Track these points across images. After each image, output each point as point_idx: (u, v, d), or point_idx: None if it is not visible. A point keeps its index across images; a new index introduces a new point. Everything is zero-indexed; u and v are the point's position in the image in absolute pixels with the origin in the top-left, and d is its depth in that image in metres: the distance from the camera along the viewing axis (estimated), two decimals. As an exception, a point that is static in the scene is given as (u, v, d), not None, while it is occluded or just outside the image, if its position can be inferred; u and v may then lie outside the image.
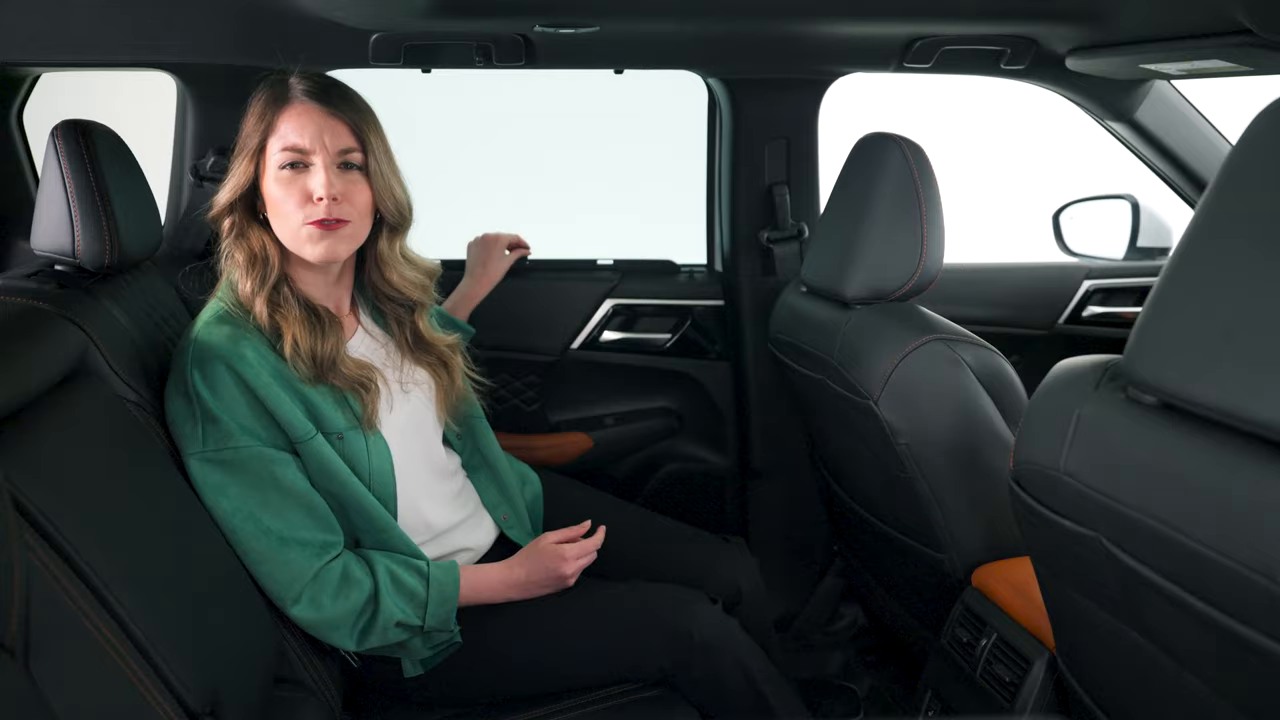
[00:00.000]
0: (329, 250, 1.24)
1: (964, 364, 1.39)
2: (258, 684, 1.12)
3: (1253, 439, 0.72)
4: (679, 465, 2.09)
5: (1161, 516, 0.79)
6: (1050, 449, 0.93)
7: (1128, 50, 1.61)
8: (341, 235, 1.24)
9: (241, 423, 1.20)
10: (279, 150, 1.23)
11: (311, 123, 1.23)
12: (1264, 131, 0.77)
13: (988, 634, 1.34)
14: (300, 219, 1.22)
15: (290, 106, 1.24)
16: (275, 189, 1.23)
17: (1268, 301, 0.72)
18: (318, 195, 1.21)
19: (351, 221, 1.24)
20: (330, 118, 1.23)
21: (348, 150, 1.24)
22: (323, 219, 1.21)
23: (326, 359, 1.25)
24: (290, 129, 1.23)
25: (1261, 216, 0.75)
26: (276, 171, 1.23)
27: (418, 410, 1.40)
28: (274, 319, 1.24)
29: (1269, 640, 0.70)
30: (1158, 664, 0.88)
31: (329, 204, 1.21)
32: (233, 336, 1.22)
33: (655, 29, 1.63)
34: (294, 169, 1.22)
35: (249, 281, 1.25)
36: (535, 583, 1.35)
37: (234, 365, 1.20)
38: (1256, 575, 0.69)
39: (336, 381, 1.27)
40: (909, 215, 1.47)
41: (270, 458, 1.21)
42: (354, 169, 1.25)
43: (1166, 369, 0.80)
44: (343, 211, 1.23)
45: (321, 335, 1.25)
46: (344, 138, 1.24)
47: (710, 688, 1.34)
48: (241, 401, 1.20)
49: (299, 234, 1.23)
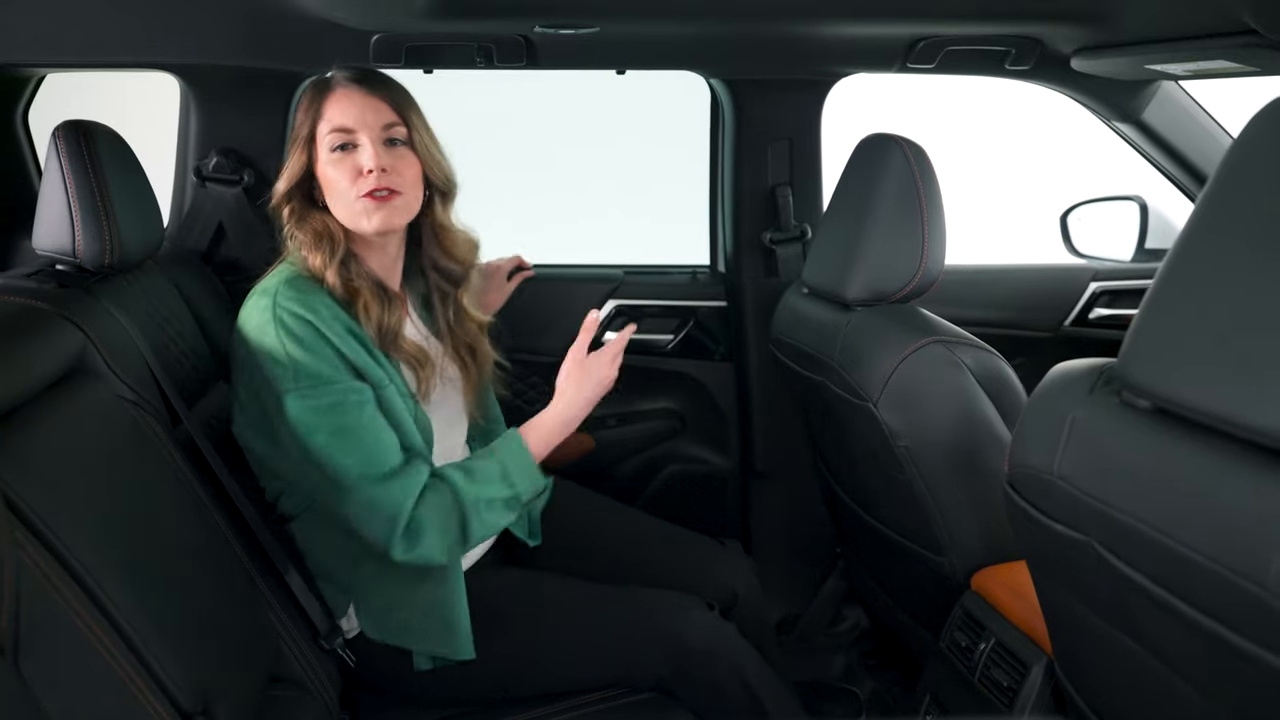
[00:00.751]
0: (385, 220, 1.29)
1: (964, 366, 1.38)
2: (252, 684, 1.12)
3: (1246, 445, 0.72)
4: (681, 466, 2.09)
5: (1153, 521, 0.78)
6: (1044, 452, 0.92)
7: (1133, 51, 1.60)
8: (395, 205, 1.29)
9: (323, 369, 1.23)
10: (327, 134, 1.29)
11: (354, 104, 1.30)
12: (1260, 132, 0.76)
13: (986, 638, 1.33)
14: (354, 194, 1.28)
15: (333, 93, 1.31)
16: (328, 171, 1.30)
17: (1263, 304, 0.71)
18: (367, 168, 1.27)
19: (403, 192, 1.30)
20: (371, 97, 1.30)
21: (390, 125, 1.30)
22: (373, 189, 1.27)
23: (390, 331, 1.31)
24: (335, 112, 1.30)
25: (1257, 218, 0.74)
26: (328, 155, 1.29)
27: (451, 402, 1.44)
28: (347, 287, 1.29)
29: (1257, 646, 0.69)
30: (1149, 669, 0.87)
31: (378, 174, 1.27)
32: (304, 291, 1.27)
33: (656, 30, 1.62)
34: (343, 150, 1.29)
35: (318, 256, 1.30)
36: (586, 396, 1.34)
37: (311, 318, 1.24)
38: (1245, 581, 0.68)
39: (396, 354, 1.32)
40: (910, 217, 1.46)
41: (357, 392, 1.24)
42: (399, 144, 1.31)
43: (1160, 373, 0.79)
44: (392, 182, 1.28)
45: (389, 308, 1.31)
46: (386, 114, 1.30)
47: (707, 694, 1.34)
48: (325, 346, 1.24)
49: (355, 209, 1.29)
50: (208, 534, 1.19)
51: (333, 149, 1.29)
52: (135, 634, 0.92)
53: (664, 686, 1.35)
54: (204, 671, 1.00)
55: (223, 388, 1.61)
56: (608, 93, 2.14)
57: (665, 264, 2.11)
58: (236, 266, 1.79)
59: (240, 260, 1.79)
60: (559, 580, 1.43)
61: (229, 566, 1.19)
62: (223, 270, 1.79)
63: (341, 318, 1.28)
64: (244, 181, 1.76)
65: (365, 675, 1.39)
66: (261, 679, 1.17)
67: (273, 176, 1.79)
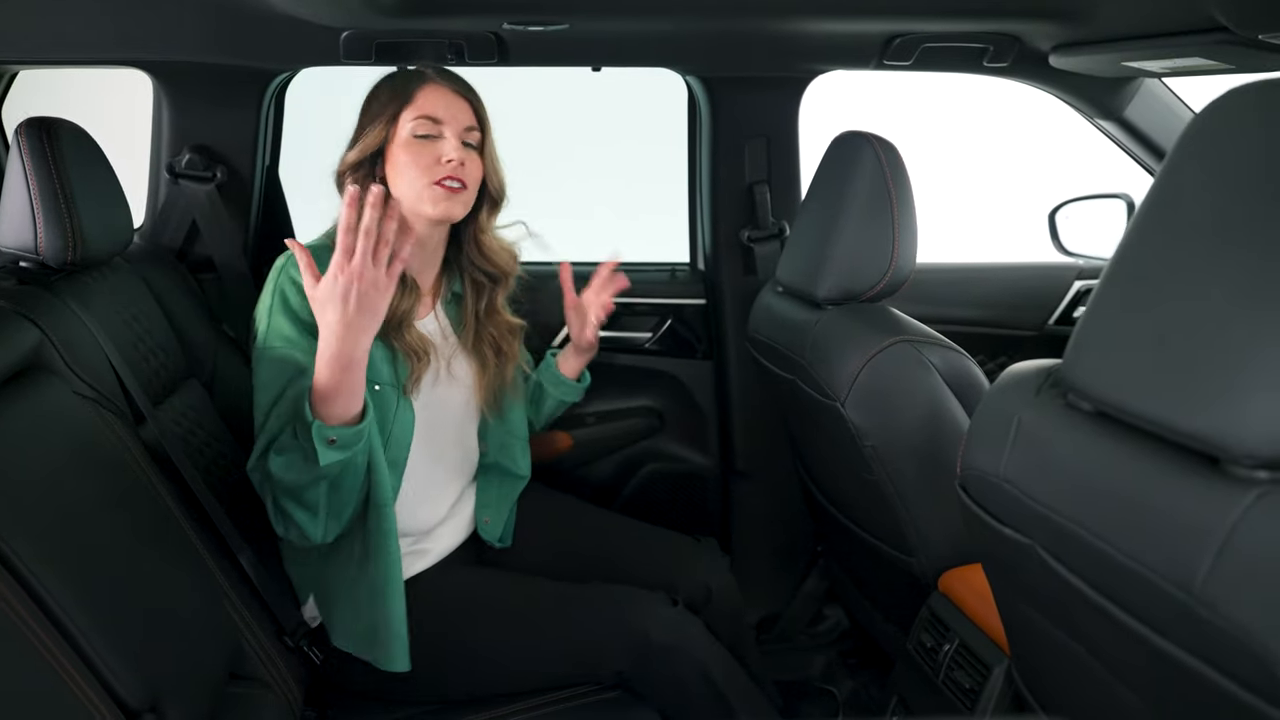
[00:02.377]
0: (447, 210, 1.35)
1: (931, 366, 1.37)
2: (209, 681, 1.12)
3: (1181, 450, 0.71)
4: (661, 465, 2.08)
5: (1091, 526, 0.77)
6: (992, 454, 0.91)
7: (1109, 48, 1.59)
8: (459, 198, 1.36)
9: (289, 331, 1.28)
10: (413, 119, 1.35)
11: (445, 99, 1.37)
12: (1201, 131, 0.75)
13: (950, 639, 1.32)
14: (427, 180, 1.33)
15: (426, 84, 1.37)
16: (404, 154, 1.35)
17: (1199, 307, 0.70)
18: (448, 158, 1.34)
19: (469, 188, 1.37)
20: (459, 98, 1.38)
21: (470, 128, 1.38)
22: (448, 178, 1.34)
23: (396, 319, 1.34)
24: (427, 101, 1.36)
25: (1198, 217, 0.73)
26: (409, 139, 1.35)
27: (454, 397, 1.45)
28: None
29: (1186, 654, 0.68)
30: (1095, 674, 0.86)
31: (457, 166, 1.34)
32: (317, 260, 1.23)
33: (629, 27, 1.61)
34: (426, 139, 1.35)
35: None
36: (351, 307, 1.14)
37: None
38: (1174, 589, 0.67)
39: (396, 342, 1.36)
40: (881, 216, 1.45)
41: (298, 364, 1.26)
42: (472, 147, 1.38)
43: (1101, 375, 0.78)
44: (464, 175, 1.36)
45: (401, 297, 1.35)
46: (469, 116, 1.39)
47: (668, 689, 1.33)
48: (299, 314, 1.28)
49: (423, 193, 1.34)
50: (165, 531, 1.18)
51: (416, 134, 1.35)
52: (77, 631, 0.92)
53: (627, 682, 1.34)
54: (154, 669, 1.00)
55: (194, 384, 1.61)
56: (590, 90, 2.13)
57: (645, 262, 2.11)
58: (210, 264, 1.79)
59: (214, 257, 1.79)
60: (522, 578, 1.43)
61: (187, 563, 1.19)
62: (197, 267, 1.79)
63: None
64: (216, 178, 1.76)
65: (332, 673, 1.39)
66: (219, 676, 1.17)
67: (246, 173, 1.81)
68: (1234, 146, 0.71)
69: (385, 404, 1.35)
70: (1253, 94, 0.71)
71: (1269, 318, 0.64)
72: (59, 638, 0.90)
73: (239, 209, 1.80)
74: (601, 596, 1.37)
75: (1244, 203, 0.68)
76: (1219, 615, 0.64)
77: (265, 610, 1.35)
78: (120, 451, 1.19)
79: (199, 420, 1.52)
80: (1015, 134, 3.25)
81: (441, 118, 1.36)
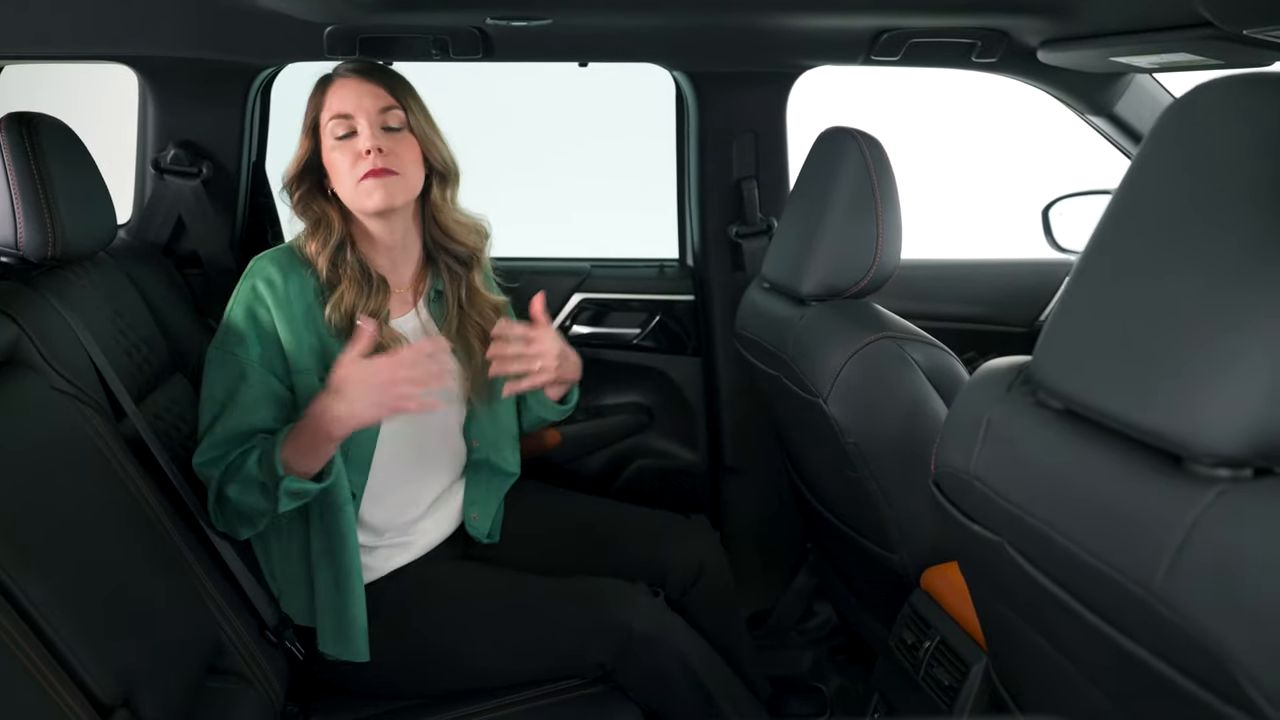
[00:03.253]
0: (385, 198, 1.33)
1: (913, 363, 1.36)
2: (184, 675, 1.12)
3: (1144, 447, 0.70)
4: (650, 461, 2.08)
5: (1058, 525, 0.77)
6: (963, 452, 0.91)
7: (1097, 43, 1.58)
8: (394, 182, 1.34)
9: (243, 330, 1.33)
10: (328, 121, 1.36)
11: (351, 92, 1.36)
12: (1168, 127, 0.75)
13: (931, 636, 1.32)
14: (354, 176, 1.33)
15: (334, 83, 1.38)
16: (332, 157, 1.36)
17: (1162, 304, 0.69)
18: (364, 149, 1.33)
19: (400, 172, 1.34)
20: (367, 84, 1.37)
21: (387, 109, 1.36)
22: (368, 172, 1.32)
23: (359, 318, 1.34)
24: (335, 100, 1.36)
25: (1163, 213, 0.72)
26: (331, 142, 1.36)
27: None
28: (332, 274, 1.36)
29: (1149, 654, 0.68)
30: (1066, 674, 0.86)
31: (375, 155, 1.33)
32: (286, 267, 1.36)
33: (613, 22, 1.61)
34: (345, 138, 1.35)
35: (314, 242, 1.37)
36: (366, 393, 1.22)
37: (269, 287, 1.34)
38: (1135, 586, 0.67)
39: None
40: (865, 212, 1.45)
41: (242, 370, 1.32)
42: (397, 129, 1.36)
43: (1069, 373, 0.78)
44: (390, 162, 1.33)
45: (367, 296, 1.36)
46: (383, 98, 1.36)
47: (650, 680, 1.33)
48: (258, 319, 1.33)
49: (357, 191, 1.34)
50: (142, 527, 1.19)
51: (335, 136, 1.35)
52: (47, 625, 0.92)
53: (609, 675, 1.35)
54: (126, 663, 1.00)
55: (179, 379, 1.61)
56: (581, 85, 2.13)
57: (633, 258, 2.10)
58: (197, 259, 1.79)
59: (200, 252, 1.79)
60: (503, 572, 1.43)
61: (163, 558, 1.19)
62: (184, 263, 1.79)
63: (307, 298, 1.35)
64: (202, 174, 1.76)
65: (316, 667, 1.39)
66: (196, 671, 1.17)
67: (231, 169, 1.81)
68: (1197, 144, 0.70)
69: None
70: (1219, 90, 0.70)
71: (1230, 315, 0.64)
72: (27, 631, 0.90)
73: (225, 204, 1.80)
74: (582, 589, 1.38)
75: (1207, 200, 0.68)
76: (1178, 614, 0.63)
77: (246, 605, 1.35)
78: (98, 446, 1.19)
79: (182, 415, 1.52)
80: (1009, 130, 3.24)
81: (350, 111, 1.35)
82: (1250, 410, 0.62)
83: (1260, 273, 0.62)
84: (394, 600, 1.38)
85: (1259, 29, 1.28)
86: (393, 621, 1.36)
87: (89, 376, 1.28)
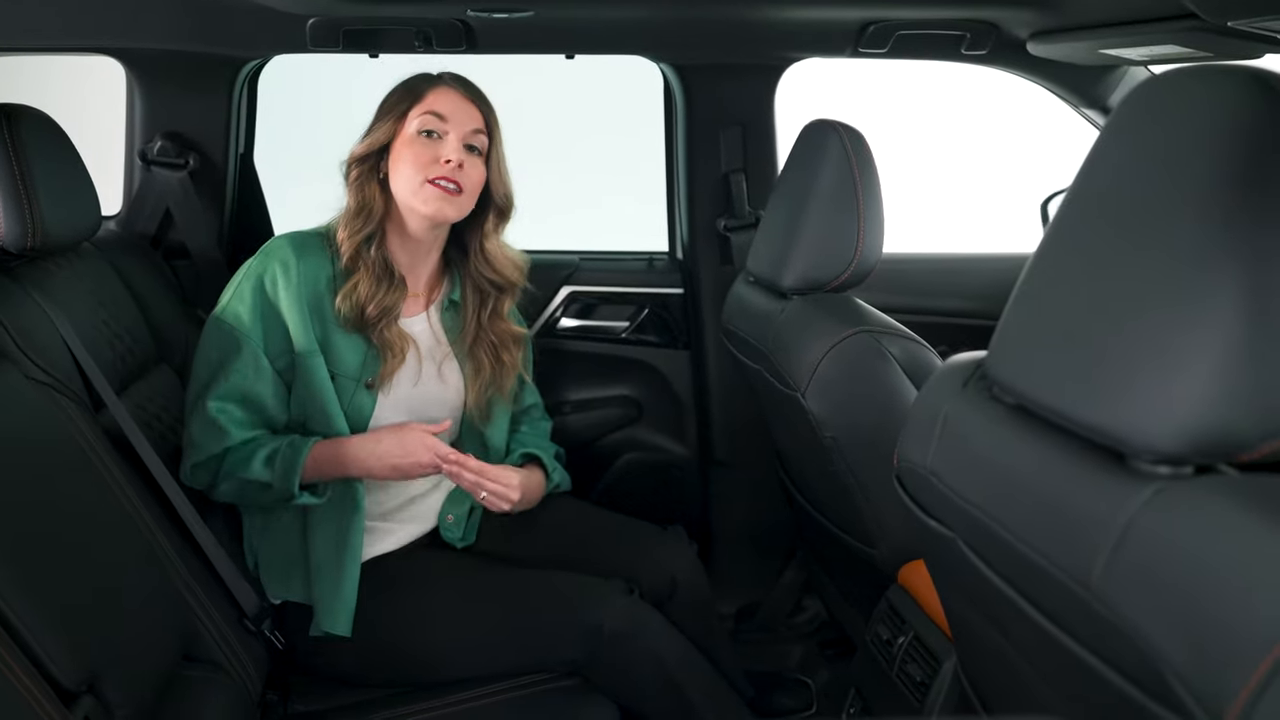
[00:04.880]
0: (439, 210, 1.37)
1: (889, 357, 1.36)
2: (154, 663, 1.13)
3: (1089, 444, 0.69)
4: (639, 454, 2.08)
5: (1006, 522, 0.76)
6: (921, 447, 0.90)
7: (1086, 35, 1.57)
8: (453, 200, 1.37)
9: (246, 313, 1.36)
10: (420, 115, 1.38)
11: (453, 101, 1.40)
12: (1119, 122, 0.74)
13: (905, 631, 1.31)
14: (422, 177, 1.36)
15: (438, 86, 1.41)
16: (406, 150, 1.38)
17: (1107, 300, 0.69)
18: (446, 158, 1.36)
19: (465, 192, 1.38)
20: (468, 102, 1.41)
21: (477, 131, 1.40)
22: (442, 178, 1.36)
23: (374, 315, 1.37)
24: (436, 100, 1.39)
25: (1114, 208, 0.72)
26: (413, 136, 1.38)
27: (432, 399, 1.46)
28: (352, 263, 1.38)
29: (1087, 653, 0.67)
30: (1021, 672, 0.85)
31: (453, 167, 1.36)
32: (305, 247, 1.39)
33: (599, 14, 1.61)
34: (429, 136, 1.38)
35: (347, 227, 1.40)
36: (391, 459, 1.35)
37: (282, 267, 1.36)
38: (1075, 585, 0.66)
39: (372, 336, 1.39)
40: (846, 205, 1.44)
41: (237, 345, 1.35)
42: (476, 152, 1.40)
43: (1019, 368, 0.77)
44: (461, 179, 1.37)
45: (384, 292, 1.38)
46: (477, 120, 1.41)
47: (621, 678, 1.33)
48: (263, 299, 1.36)
49: (418, 191, 1.36)
50: (117, 515, 1.19)
51: (421, 131, 1.38)
52: (10, 610, 0.92)
53: (580, 671, 1.35)
54: (91, 650, 1.01)
55: (165, 369, 1.62)
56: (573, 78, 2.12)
57: (622, 250, 2.10)
58: (185, 250, 1.80)
59: (187, 244, 1.79)
60: (478, 565, 1.44)
61: (138, 547, 1.20)
62: (172, 254, 1.81)
63: (319, 285, 1.38)
64: (189, 165, 1.77)
65: (295, 657, 1.40)
66: (168, 658, 1.18)
67: (219, 160, 1.82)
68: (1148, 139, 0.69)
69: (340, 394, 1.38)
70: (1169, 84, 0.70)
71: (1171, 312, 0.63)
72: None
73: (213, 196, 1.81)
74: (555, 585, 1.38)
75: (1153, 196, 0.67)
76: (1112, 612, 0.63)
77: (225, 594, 1.36)
78: (73, 436, 1.20)
79: (166, 405, 1.53)
80: (1008, 124, 3.22)
81: (446, 115, 1.38)
82: (1191, 407, 0.61)
83: (1202, 270, 0.62)
84: (372, 588, 1.39)
85: (1243, 21, 1.26)
86: (369, 609, 1.37)
87: (67, 367, 1.28)
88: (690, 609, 1.52)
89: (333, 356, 1.39)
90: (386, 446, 1.34)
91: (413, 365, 1.43)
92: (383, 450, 1.34)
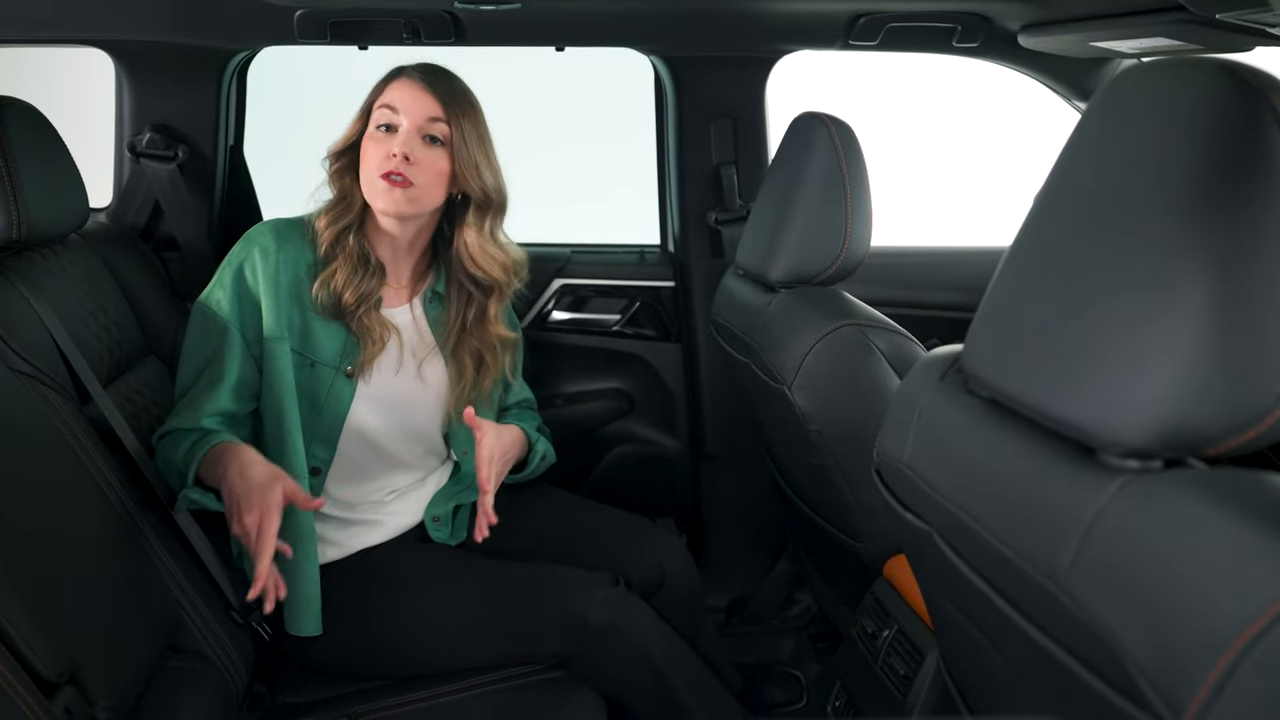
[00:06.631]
0: (391, 204, 1.35)
1: (876, 350, 1.35)
2: (136, 653, 1.13)
3: (1060, 438, 0.69)
4: (630, 447, 2.08)
5: (978, 515, 0.76)
6: (898, 440, 0.90)
7: (1076, 27, 1.56)
8: (404, 194, 1.35)
9: (226, 299, 1.37)
10: (379, 108, 1.38)
11: (408, 92, 1.38)
12: (1091, 115, 0.73)
13: (890, 625, 1.31)
14: (376, 171, 1.35)
15: (398, 77, 1.40)
16: (368, 144, 1.38)
17: (1076, 293, 0.69)
18: (392, 152, 1.34)
19: (417, 185, 1.35)
20: (423, 91, 1.38)
21: (434, 119, 1.37)
22: (389, 172, 1.34)
23: (352, 301, 1.38)
24: (393, 93, 1.39)
25: (1079, 204, 0.71)
26: (372, 130, 1.38)
27: (412, 394, 1.45)
28: (330, 252, 1.39)
29: (1056, 647, 0.67)
30: (997, 667, 0.85)
31: (399, 161, 1.34)
32: (286, 234, 1.40)
33: (589, 6, 1.60)
34: (386, 130, 1.37)
35: (327, 216, 1.41)
36: (238, 489, 1.21)
37: (261, 253, 1.37)
38: (1043, 578, 0.66)
39: (351, 323, 1.39)
40: (834, 199, 1.43)
41: (222, 329, 1.37)
42: (438, 143, 1.37)
43: (992, 362, 0.77)
44: (409, 172, 1.34)
45: (360, 280, 1.38)
46: (432, 109, 1.37)
47: (607, 670, 1.34)
48: (242, 285, 1.37)
49: (374, 185, 1.36)
50: (101, 507, 1.19)
51: (377, 125, 1.37)
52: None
53: (565, 664, 1.35)
54: (72, 640, 1.01)
55: (153, 361, 1.62)
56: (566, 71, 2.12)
57: (614, 244, 2.10)
58: (175, 243, 1.80)
59: (177, 236, 1.79)
60: (464, 557, 1.44)
61: (121, 539, 1.20)
62: (162, 246, 1.80)
63: (298, 271, 1.38)
64: (178, 158, 1.77)
65: (282, 649, 1.41)
66: (152, 648, 1.18)
67: (208, 152, 1.82)
68: (1117, 133, 0.69)
69: (319, 381, 1.38)
70: (1140, 76, 0.69)
71: (1139, 305, 0.63)
72: None
73: (202, 188, 1.81)
74: (540, 577, 1.38)
75: (1122, 189, 0.67)
76: (1078, 606, 0.63)
77: (211, 585, 1.36)
78: (57, 427, 1.20)
79: (155, 397, 1.53)
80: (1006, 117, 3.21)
81: (399, 107, 1.36)
82: (1158, 400, 0.61)
83: (1170, 263, 0.61)
84: (358, 580, 1.39)
85: (1231, 13, 1.26)
86: (355, 602, 1.37)
87: (51, 358, 1.28)
88: (678, 601, 1.52)
89: (312, 344, 1.39)
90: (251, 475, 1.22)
91: (394, 354, 1.43)
92: (247, 475, 1.22)
